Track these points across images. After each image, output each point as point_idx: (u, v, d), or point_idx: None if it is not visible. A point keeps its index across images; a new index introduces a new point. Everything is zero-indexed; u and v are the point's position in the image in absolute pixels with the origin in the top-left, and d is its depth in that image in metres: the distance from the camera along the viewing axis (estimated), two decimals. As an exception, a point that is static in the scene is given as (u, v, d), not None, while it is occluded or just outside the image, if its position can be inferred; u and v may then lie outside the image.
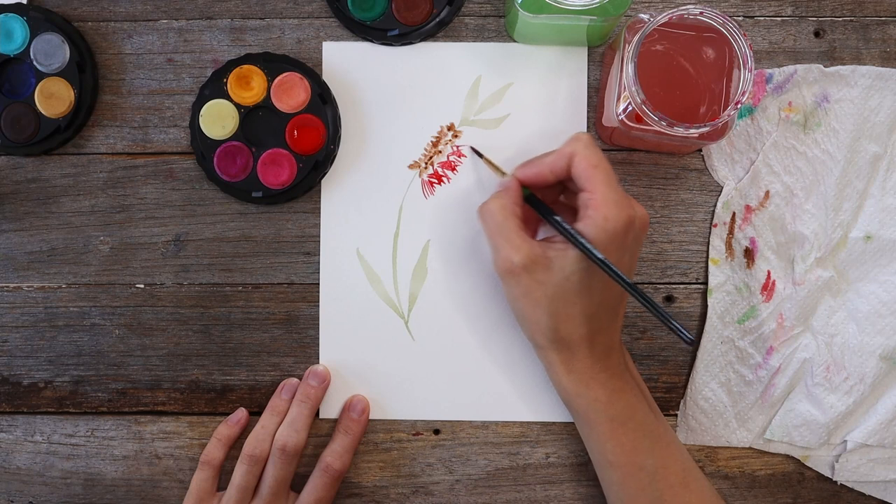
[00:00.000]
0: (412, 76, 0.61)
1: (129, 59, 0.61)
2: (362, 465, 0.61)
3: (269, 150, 0.59)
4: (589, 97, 0.61)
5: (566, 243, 0.53)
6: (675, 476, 0.55)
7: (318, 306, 0.61)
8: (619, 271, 0.51)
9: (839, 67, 0.59)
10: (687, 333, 0.50)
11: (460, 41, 0.61)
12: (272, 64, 0.59)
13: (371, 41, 0.61)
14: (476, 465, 0.61)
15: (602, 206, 0.51)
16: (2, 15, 0.59)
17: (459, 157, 0.61)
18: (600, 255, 0.51)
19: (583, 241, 0.52)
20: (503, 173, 0.58)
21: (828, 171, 0.59)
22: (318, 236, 0.61)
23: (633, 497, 0.55)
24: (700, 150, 0.61)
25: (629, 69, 0.51)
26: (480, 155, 0.60)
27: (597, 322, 0.54)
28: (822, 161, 0.59)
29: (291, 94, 0.59)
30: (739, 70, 0.52)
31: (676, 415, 0.61)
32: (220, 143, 0.60)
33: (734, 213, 0.60)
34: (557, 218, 0.54)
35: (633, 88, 0.51)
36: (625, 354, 0.58)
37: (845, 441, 0.60)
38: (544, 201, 0.56)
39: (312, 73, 0.60)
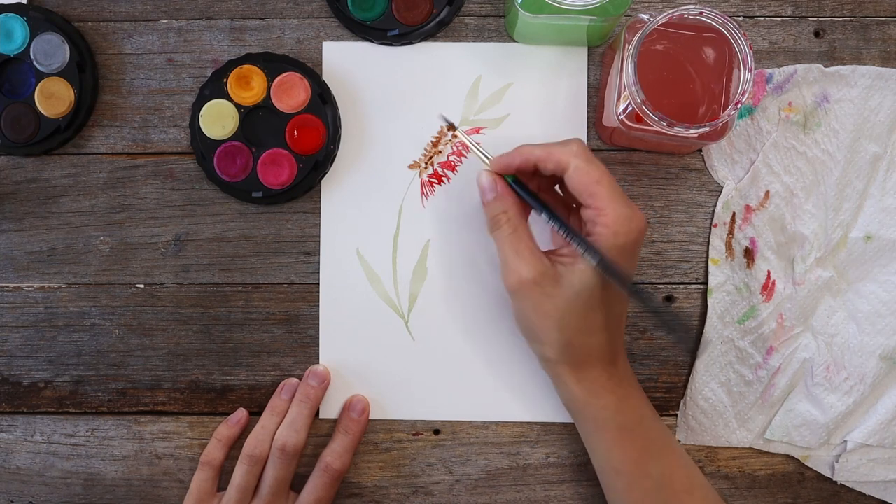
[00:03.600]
0: (412, 76, 0.61)
1: (129, 59, 0.61)
2: (362, 465, 0.61)
3: (269, 150, 0.59)
4: (589, 97, 0.61)
5: (574, 257, 0.52)
6: (679, 483, 0.55)
7: (318, 306, 0.61)
8: (625, 278, 0.51)
9: (839, 67, 0.59)
10: (685, 337, 0.50)
11: (460, 41, 0.61)
12: (272, 64, 0.59)
13: (371, 41, 0.61)
14: (476, 465, 0.61)
15: (613, 223, 0.51)
16: (2, 15, 0.59)
17: (459, 157, 0.61)
18: (614, 267, 0.51)
19: (590, 250, 0.51)
20: (487, 158, 0.56)
21: (828, 171, 0.59)
22: (318, 236, 0.61)
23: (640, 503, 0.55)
24: (700, 150, 0.61)
25: (629, 69, 0.51)
26: (453, 127, 0.58)
27: (607, 332, 0.54)
28: (822, 161, 0.59)
29: (291, 94, 0.59)
30: (739, 70, 0.52)
31: (676, 415, 0.61)
32: (220, 143, 0.60)
33: (734, 213, 0.60)
34: (566, 228, 0.53)
35: (633, 88, 0.51)
36: (627, 359, 0.58)
37: (845, 441, 0.60)
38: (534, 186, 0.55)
39: (312, 73, 0.60)
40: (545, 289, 0.52)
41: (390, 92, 0.61)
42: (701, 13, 0.51)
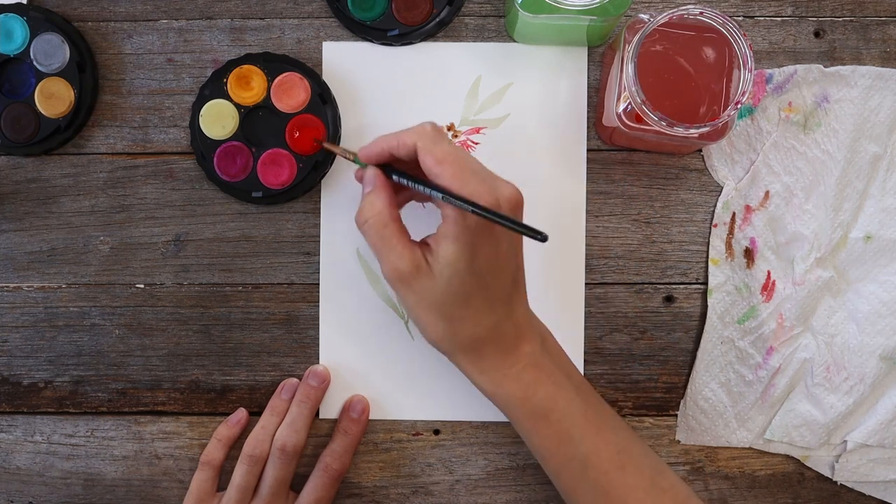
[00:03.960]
0: (412, 76, 0.61)
1: (129, 59, 0.61)
2: (362, 465, 0.61)
3: (269, 150, 0.59)
4: (589, 97, 0.61)
5: (436, 245, 0.50)
6: (608, 461, 0.53)
7: (318, 306, 0.61)
8: (466, 202, 0.48)
9: (839, 67, 0.59)
10: (538, 232, 0.46)
11: (460, 41, 0.61)
12: (272, 64, 0.59)
13: (371, 41, 0.61)
14: (476, 465, 0.61)
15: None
16: (2, 15, 0.59)
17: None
18: (453, 196, 0.48)
19: (446, 195, 0.49)
20: (353, 155, 0.55)
21: (828, 172, 0.59)
22: (318, 236, 0.61)
23: (572, 488, 0.53)
24: (700, 150, 0.61)
25: (629, 69, 0.51)
26: (322, 144, 0.58)
27: (494, 316, 0.52)
28: (822, 161, 0.59)
29: (291, 94, 0.59)
30: (739, 70, 0.52)
31: (676, 415, 0.61)
32: (220, 143, 0.60)
33: (734, 213, 0.60)
34: (418, 186, 0.51)
35: (633, 88, 0.51)
36: (542, 336, 0.55)
37: (845, 441, 0.60)
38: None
39: (312, 73, 0.60)
40: (422, 280, 0.51)
41: (390, 92, 0.61)
42: (701, 13, 0.51)
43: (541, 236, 0.46)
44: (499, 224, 0.48)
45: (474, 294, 0.51)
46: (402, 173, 0.53)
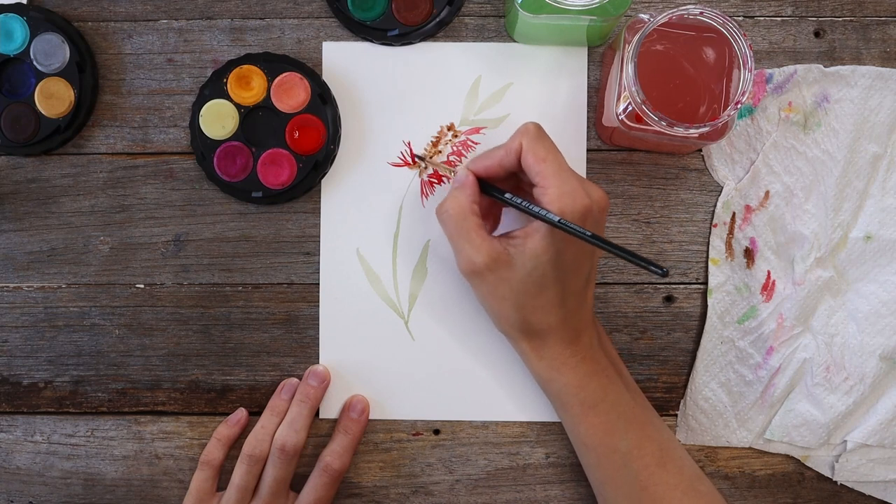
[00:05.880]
0: (412, 76, 0.61)
1: (129, 59, 0.61)
2: (362, 465, 0.61)
3: (269, 150, 0.59)
4: (589, 97, 0.61)
5: (524, 238, 0.53)
6: (650, 456, 0.55)
7: (318, 306, 0.61)
8: (581, 229, 0.50)
9: (839, 67, 0.59)
10: (659, 266, 0.48)
11: (460, 41, 0.61)
12: (272, 64, 0.59)
13: (371, 41, 0.61)
14: (476, 465, 0.61)
15: (556, 200, 0.51)
16: (2, 15, 0.59)
17: (459, 157, 0.61)
18: (570, 224, 0.51)
19: (543, 212, 0.52)
20: (453, 170, 0.59)
21: (828, 171, 0.59)
22: (318, 236, 0.61)
23: (610, 478, 0.55)
24: (700, 150, 0.61)
25: (629, 69, 0.51)
26: (422, 158, 0.60)
27: (564, 309, 0.54)
28: (822, 161, 0.59)
29: (291, 94, 0.59)
30: (739, 70, 0.52)
31: (676, 415, 0.61)
32: (220, 143, 0.60)
33: (734, 213, 0.60)
34: (515, 198, 0.54)
35: (633, 88, 0.51)
36: (598, 333, 0.58)
37: (845, 441, 0.60)
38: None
39: (312, 73, 0.60)
40: (499, 273, 0.53)
41: (390, 92, 0.61)
42: (701, 13, 0.51)
43: (661, 271, 0.48)
44: (617, 255, 0.50)
45: (551, 287, 0.53)
46: (496, 188, 0.55)
